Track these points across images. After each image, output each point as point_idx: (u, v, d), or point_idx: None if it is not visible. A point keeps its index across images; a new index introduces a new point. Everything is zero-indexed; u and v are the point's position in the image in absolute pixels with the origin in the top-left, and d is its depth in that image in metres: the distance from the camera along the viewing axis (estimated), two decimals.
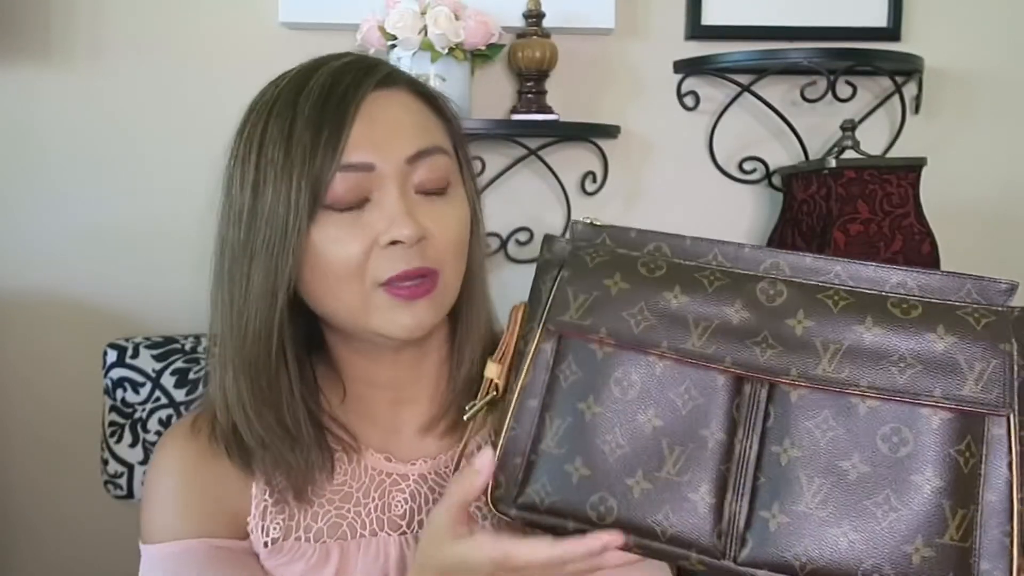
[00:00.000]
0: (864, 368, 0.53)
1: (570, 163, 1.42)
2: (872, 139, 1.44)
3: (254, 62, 1.33)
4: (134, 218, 1.37)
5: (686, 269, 0.59)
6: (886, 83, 1.44)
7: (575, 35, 1.40)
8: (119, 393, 1.07)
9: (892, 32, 1.44)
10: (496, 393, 0.62)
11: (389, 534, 0.71)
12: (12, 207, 1.35)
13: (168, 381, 1.08)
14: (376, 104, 0.65)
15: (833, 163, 1.28)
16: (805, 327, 0.55)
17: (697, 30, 1.42)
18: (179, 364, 1.08)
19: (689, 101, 1.45)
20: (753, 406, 0.55)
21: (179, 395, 1.08)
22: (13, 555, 1.39)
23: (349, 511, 0.71)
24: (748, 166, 1.47)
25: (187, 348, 1.10)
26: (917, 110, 1.46)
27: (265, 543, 0.70)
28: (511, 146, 1.38)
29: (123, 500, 1.10)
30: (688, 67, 1.42)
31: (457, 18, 1.27)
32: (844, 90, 1.42)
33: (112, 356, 1.08)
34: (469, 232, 0.70)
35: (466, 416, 0.63)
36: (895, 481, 0.52)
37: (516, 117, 1.36)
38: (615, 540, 0.55)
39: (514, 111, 1.37)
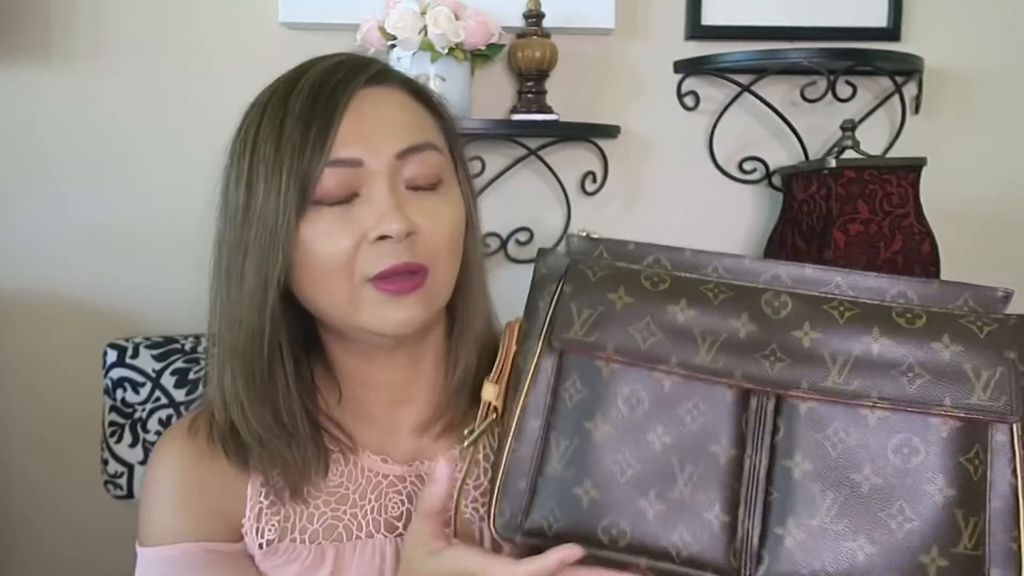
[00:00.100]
0: (874, 379, 0.53)
1: (570, 163, 1.42)
2: (872, 139, 1.44)
3: (254, 62, 1.33)
4: (134, 218, 1.37)
5: (690, 282, 0.58)
6: (886, 83, 1.44)
7: (575, 35, 1.40)
8: (119, 393, 1.07)
9: (892, 32, 1.44)
10: (496, 415, 0.60)
11: (385, 535, 0.71)
12: (12, 207, 1.35)
13: (168, 381, 1.08)
14: (366, 100, 0.65)
15: (833, 163, 1.28)
16: (812, 339, 0.55)
17: (697, 30, 1.42)
18: (179, 364, 1.08)
19: (689, 101, 1.45)
20: (761, 420, 0.55)
21: (179, 395, 1.08)
22: (13, 555, 1.39)
23: (345, 513, 0.71)
24: (748, 166, 1.46)
25: (187, 348, 1.10)
26: (917, 110, 1.46)
27: (260, 544, 0.70)
28: (511, 146, 1.38)
29: (123, 500, 1.10)
30: (688, 67, 1.42)
31: (457, 18, 1.27)
32: (844, 90, 1.42)
33: (112, 356, 1.08)
34: (463, 230, 0.70)
35: (466, 443, 0.61)
36: (908, 492, 0.51)
37: (516, 117, 1.35)
38: (571, 555, 0.54)
39: (514, 111, 1.37)
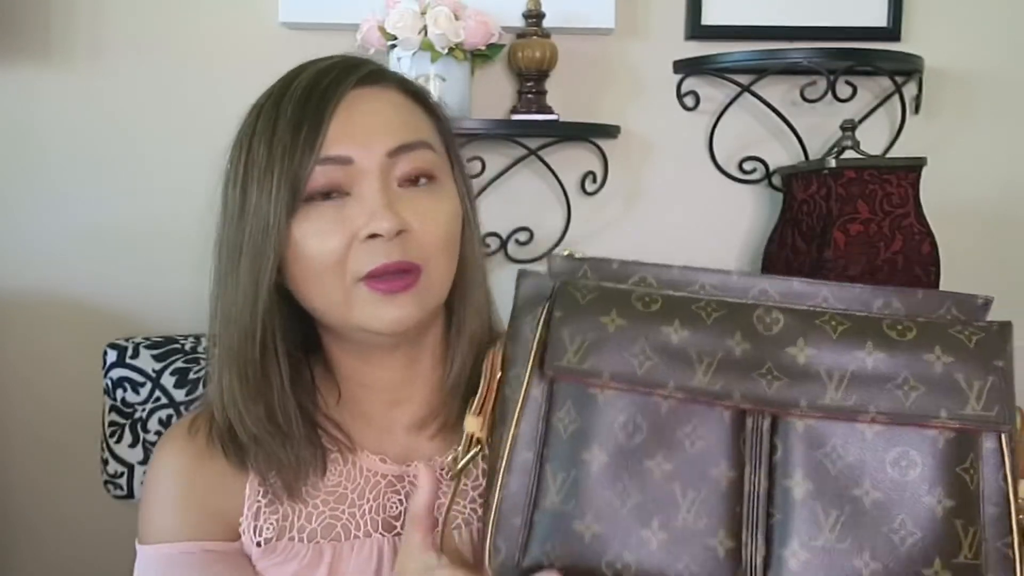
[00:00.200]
0: (871, 393, 0.52)
1: (570, 163, 1.42)
2: (872, 139, 1.44)
3: (254, 62, 1.33)
4: (134, 218, 1.37)
5: (681, 301, 0.56)
6: (886, 83, 1.44)
7: (575, 35, 1.40)
8: (119, 393, 1.07)
9: (892, 32, 1.44)
10: (480, 447, 0.59)
11: (383, 535, 0.71)
12: (12, 207, 1.35)
13: (168, 381, 1.07)
14: (359, 99, 0.66)
15: (833, 163, 1.28)
16: (807, 355, 0.54)
17: (697, 30, 1.42)
18: (179, 364, 1.08)
19: (689, 101, 1.45)
20: (757, 440, 0.54)
21: (179, 395, 1.07)
22: (13, 555, 1.39)
23: (343, 512, 0.71)
24: (748, 166, 1.46)
25: (187, 348, 1.10)
26: (917, 110, 1.46)
27: (258, 543, 0.70)
28: (511, 146, 1.38)
29: (123, 500, 1.10)
30: (688, 67, 1.42)
31: (457, 18, 1.27)
32: (844, 90, 1.42)
33: (112, 356, 1.08)
34: (459, 229, 0.70)
35: (450, 475, 0.59)
36: (909, 505, 0.51)
37: (516, 117, 1.36)
38: None
39: (514, 111, 1.37)
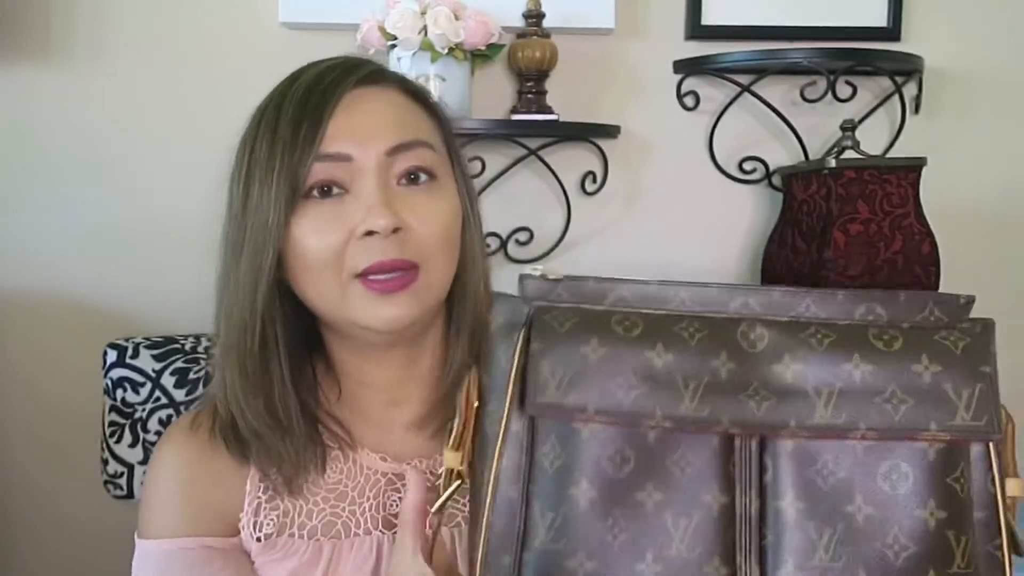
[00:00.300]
0: (860, 409, 0.51)
1: (570, 163, 1.42)
2: (872, 139, 1.44)
3: (254, 62, 1.33)
4: (134, 218, 1.37)
5: (662, 322, 0.54)
6: (886, 83, 1.44)
7: (575, 35, 1.40)
8: (119, 393, 1.07)
9: (892, 32, 1.44)
10: (462, 481, 0.57)
11: (383, 532, 0.71)
12: (12, 207, 1.35)
13: (168, 381, 1.07)
14: (359, 99, 0.67)
15: (833, 163, 1.28)
16: (794, 372, 0.52)
17: (697, 30, 1.42)
18: (179, 364, 1.08)
19: (689, 101, 1.45)
20: (746, 461, 0.53)
21: (179, 395, 1.07)
22: (13, 555, 1.39)
23: (344, 510, 0.71)
24: (748, 166, 1.46)
25: (187, 348, 1.10)
26: (917, 110, 1.46)
27: (258, 538, 0.70)
28: (511, 146, 1.38)
29: (123, 500, 1.10)
30: (688, 67, 1.42)
31: (457, 18, 1.27)
32: (844, 90, 1.42)
33: (112, 356, 1.08)
34: (458, 228, 0.70)
35: (433, 509, 0.58)
36: (901, 519, 0.51)
37: (516, 117, 1.36)
38: None
39: (514, 111, 1.37)
